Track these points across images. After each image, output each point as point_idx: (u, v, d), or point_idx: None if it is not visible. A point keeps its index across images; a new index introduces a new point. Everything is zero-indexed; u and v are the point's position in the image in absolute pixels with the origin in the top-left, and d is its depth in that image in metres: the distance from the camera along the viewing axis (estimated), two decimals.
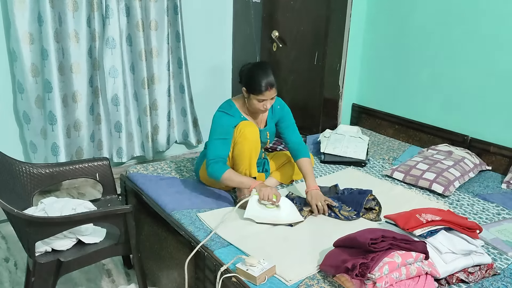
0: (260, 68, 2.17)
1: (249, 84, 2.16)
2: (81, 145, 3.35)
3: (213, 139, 2.21)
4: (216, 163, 2.15)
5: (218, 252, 1.80)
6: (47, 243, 1.84)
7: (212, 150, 2.19)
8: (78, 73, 3.21)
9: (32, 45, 2.96)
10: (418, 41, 3.18)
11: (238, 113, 2.25)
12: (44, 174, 2.16)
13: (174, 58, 3.64)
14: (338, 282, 1.61)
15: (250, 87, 2.16)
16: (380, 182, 2.55)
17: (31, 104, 3.06)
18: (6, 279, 2.40)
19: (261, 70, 2.15)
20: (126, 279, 2.42)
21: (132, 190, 2.43)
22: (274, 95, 2.18)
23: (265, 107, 2.19)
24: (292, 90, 3.68)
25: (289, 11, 3.54)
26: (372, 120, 3.59)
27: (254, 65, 2.21)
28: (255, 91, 2.14)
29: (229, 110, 2.24)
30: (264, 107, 2.19)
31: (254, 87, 2.14)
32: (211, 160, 2.17)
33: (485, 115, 2.86)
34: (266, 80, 2.12)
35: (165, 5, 3.42)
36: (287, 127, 2.40)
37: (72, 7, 3.07)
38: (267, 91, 2.13)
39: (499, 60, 2.74)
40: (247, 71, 2.20)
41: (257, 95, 2.15)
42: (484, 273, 1.70)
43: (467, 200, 2.37)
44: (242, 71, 2.25)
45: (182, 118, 3.83)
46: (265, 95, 2.14)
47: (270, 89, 2.14)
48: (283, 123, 2.40)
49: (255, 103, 2.18)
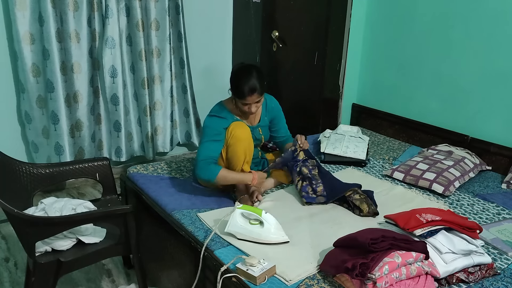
0: (244, 72, 2.15)
1: (233, 88, 2.18)
2: (82, 145, 3.35)
3: (203, 142, 2.21)
4: (207, 164, 2.14)
5: (218, 252, 1.80)
6: (47, 243, 1.84)
7: (201, 151, 2.18)
8: (79, 73, 3.21)
9: (33, 45, 2.97)
10: (418, 41, 3.18)
11: (230, 115, 2.26)
12: (44, 174, 2.16)
13: (176, 58, 3.64)
14: (338, 282, 1.61)
15: (234, 91, 2.18)
16: (380, 182, 2.55)
17: (32, 104, 3.07)
18: (6, 279, 2.40)
19: (245, 75, 2.13)
20: (126, 279, 2.42)
21: (132, 190, 2.43)
22: (257, 99, 2.17)
23: (250, 110, 2.19)
24: (292, 90, 3.68)
25: (289, 11, 3.54)
26: (372, 120, 3.59)
27: (239, 69, 2.19)
28: (238, 95, 2.16)
29: (221, 113, 2.24)
30: (249, 111, 2.20)
31: (236, 91, 2.15)
32: (201, 162, 2.15)
33: (485, 115, 2.86)
34: (247, 85, 2.11)
35: (166, 5, 3.42)
36: (280, 129, 2.51)
37: (72, 7, 3.08)
38: (248, 96, 2.13)
39: (499, 60, 2.74)
40: (232, 75, 2.20)
41: (240, 99, 2.16)
42: (484, 273, 1.70)
43: (467, 200, 2.37)
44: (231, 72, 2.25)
45: (185, 119, 3.83)
46: (248, 100, 2.14)
47: (252, 95, 2.13)
48: (277, 124, 2.48)
49: (241, 106, 2.20)
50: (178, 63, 3.66)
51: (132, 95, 3.51)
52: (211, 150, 2.18)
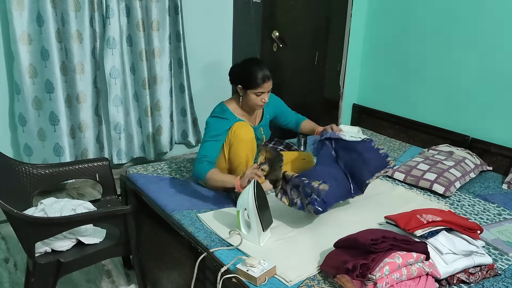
0: (254, 62, 2.22)
1: (246, 79, 2.18)
2: (86, 146, 3.34)
3: (203, 141, 2.23)
4: (201, 163, 2.16)
5: (218, 253, 1.79)
6: (47, 243, 1.83)
7: (200, 151, 2.21)
8: (82, 74, 3.21)
9: (30, 46, 2.95)
10: (419, 41, 3.17)
11: (233, 116, 2.26)
12: (44, 174, 2.16)
13: (174, 58, 3.64)
14: (338, 282, 1.60)
15: (247, 82, 2.18)
16: (381, 183, 2.54)
17: (28, 106, 3.02)
18: (6, 279, 2.39)
19: (255, 64, 2.19)
20: (126, 280, 2.42)
21: (132, 190, 2.42)
22: (271, 87, 2.22)
23: (264, 100, 2.21)
24: (293, 90, 3.68)
25: (289, 11, 3.54)
26: (372, 120, 3.58)
27: (247, 61, 2.24)
28: (253, 85, 2.17)
29: (223, 114, 2.25)
30: (263, 101, 2.22)
31: (251, 81, 2.17)
32: (197, 160, 2.19)
33: (486, 115, 2.86)
34: (262, 72, 2.16)
35: (166, 5, 3.42)
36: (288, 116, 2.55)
37: (74, 7, 3.07)
38: (265, 83, 2.17)
39: (500, 60, 2.74)
40: (240, 68, 2.23)
41: (255, 89, 2.17)
42: (485, 274, 1.69)
43: (468, 200, 2.37)
44: (233, 71, 2.27)
45: (182, 118, 3.83)
46: (264, 87, 2.17)
47: (268, 81, 2.18)
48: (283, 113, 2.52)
49: (253, 99, 2.20)
50: (176, 63, 3.66)
51: (132, 95, 3.51)
52: (209, 150, 2.19)
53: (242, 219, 1.89)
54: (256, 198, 1.82)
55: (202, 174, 2.14)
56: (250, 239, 1.86)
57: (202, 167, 2.14)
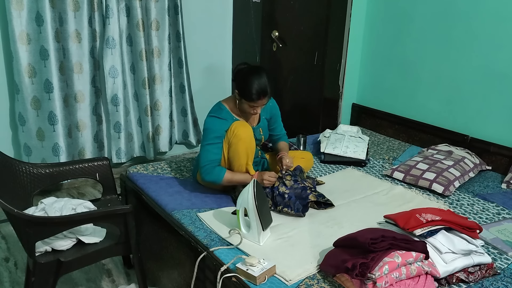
0: (256, 75, 2.14)
1: (243, 89, 2.16)
2: (84, 145, 3.35)
3: (204, 145, 2.22)
4: (212, 168, 2.18)
5: (218, 252, 1.80)
6: (47, 243, 1.84)
7: (204, 156, 2.20)
8: (80, 73, 3.21)
9: (29, 45, 2.95)
10: (418, 41, 3.18)
11: (230, 115, 2.26)
12: (44, 174, 2.16)
13: (174, 58, 3.64)
14: (338, 282, 1.61)
15: (243, 92, 2.16)
16: (380, 182, 2.55)
17: (27, 105, 3.03)
18: (6, 279, 2.40)
19: (256, 78, 2.13)
20: (126, 279, 2.42)
21: (132, 190, 2.43)
22: (265, 103, 2.19)
23: (255, 112, 2.21)
24: (292, 90, 3.68)
25: (289, 11, 3.54)
26: (372, 120, 3.58)
27: (250, 71, 2.18)
28: (247, 97, 2.15)
29: (220, 113, 2.24)
30: (254, 112, 2.21)
31: (246, 93, 2.15)
32: (206, 166, 2.18)
33: (485, 115, 2.86)
34: (259, 89, 2.12)
35: (166, 5, 3.42)
36: (277, 127, 2.52)
37: (73, 7, 3.07)
38: (259, 100, 2.14)
39: (499, 60, 2.74)
40: (242, 76, 2.18)
41: (248, 101, 2.16)
42: (484, 273, 1.70)
43: (467, 200, 2.37)
44: (238, 72, 2.24)
45: (183, 118, 3.84)
46: (257, 103, 2.16)
47: (263, 98, 2.15)
48: (274, 123, 2.49)
49: (246, 107, 2.21)
50: (177, 63, 3.66)
51: (132, 95, 3.51)
52: (214, 153, 2.19)
53: (242, 219, 1.89)
54: (256, 197, 1.83)
55: (219, 179, 2.17)
56: (250, 238, 1.87)
57: (217, 172, 2.17)
